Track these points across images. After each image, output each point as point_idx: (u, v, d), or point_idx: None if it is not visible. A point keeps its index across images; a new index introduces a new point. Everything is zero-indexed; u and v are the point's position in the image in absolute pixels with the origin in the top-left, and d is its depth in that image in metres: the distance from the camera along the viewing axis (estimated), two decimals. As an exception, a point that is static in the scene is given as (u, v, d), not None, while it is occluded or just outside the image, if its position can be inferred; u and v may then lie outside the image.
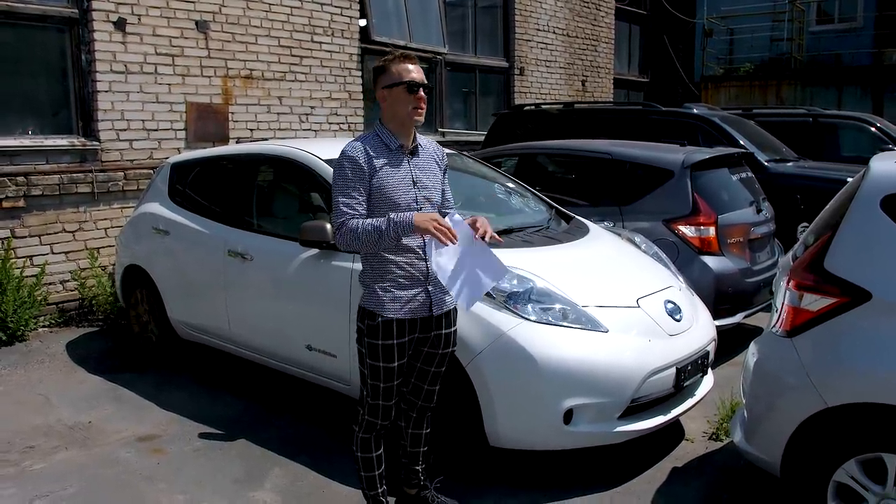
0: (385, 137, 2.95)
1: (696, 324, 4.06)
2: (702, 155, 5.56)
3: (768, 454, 3.13)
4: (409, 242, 2.92)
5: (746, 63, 14.50)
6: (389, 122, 2.96)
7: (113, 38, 6.40)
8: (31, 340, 5.99)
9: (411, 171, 2.97)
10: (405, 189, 2.92)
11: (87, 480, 3.79)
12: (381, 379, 2.99)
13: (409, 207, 2.91)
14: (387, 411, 3.07)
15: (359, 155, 2.86)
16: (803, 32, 14.27)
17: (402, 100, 2.90)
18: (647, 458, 3.95)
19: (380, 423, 3.08)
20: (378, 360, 2.97)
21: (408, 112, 2.90)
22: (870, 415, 2.84)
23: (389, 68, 2.92)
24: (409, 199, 2.93)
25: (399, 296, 2.94)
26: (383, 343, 2.95)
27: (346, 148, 2.90)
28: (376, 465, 3.16)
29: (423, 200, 2.97)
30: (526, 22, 10.84)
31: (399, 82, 2.89)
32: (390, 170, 2.91)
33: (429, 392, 3.23)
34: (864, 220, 2.98)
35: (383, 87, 2.93)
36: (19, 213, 6.02)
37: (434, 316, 3.03)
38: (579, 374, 3.50)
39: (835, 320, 2.93)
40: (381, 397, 3.03)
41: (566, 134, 7.98)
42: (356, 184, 2.85)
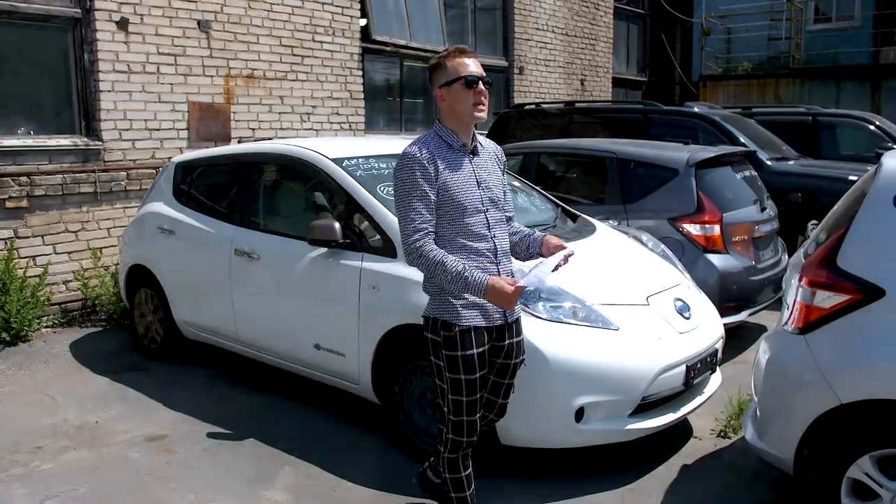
0: (446, 136, 2.82)
1: (705, 321, 4.07)
2: (706, 153, 5.58)
3: (781, 451, 3.14)
4: (480, 246, 2.81)
5: (744, 62, 14.56)
6: (449, 121, 2.83)
7: (115, 37, 6.39)
8: (34, 341, 5.97)
9: (474, 171, 2.85)
10: (470, 190, 2.80)
11: (96, 481, 3.79)
12: (465, 393, 2.82)
13: (475, 209, 2.80)
14: (472, 427, 2.89)
15: (424, 156, 2.73)
16: (801, 31, 14.32)
17: (462, 96, 2.77)
18: (656, 456, 3.96)
19: (465, 440, 2.90)
20: (459, 372, 2.80)
21: (468, 109, 2.78)
22: (884, 411, 2.86)
23: (445, 64, 2.79)
24: (475, 200, 2.80)
25: (473, 302, 2.80)
26: (463, 354, 2.78)
27: (410, 150, 2.75)
28: (466, 486, 2.99)
29: (488, 202, 2.84)
30: (525, 21, 10.85)
31: (456, 78, 2.76)
32: (455, 170, 2.78)
33: (502, 406, 3.08)
34: (877, 217, 2.99)
35: (440, 85, 2.79)
36: (22, 213, 6.00)
37: (508, 323, 2.91)
38: (591, 372, 3.51)
39: (848, 317, 2.94)
40: (465, 412, 2.85)
41: (567, 133, 8.01)
42: (425, 188, 2.72)
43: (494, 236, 2.86)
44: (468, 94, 2.77)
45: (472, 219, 2.80)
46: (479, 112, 2.79)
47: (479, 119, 2.81)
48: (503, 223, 2.93)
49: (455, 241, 2.79)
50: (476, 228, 2.81)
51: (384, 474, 3.79)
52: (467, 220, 2.79)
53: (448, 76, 2.78)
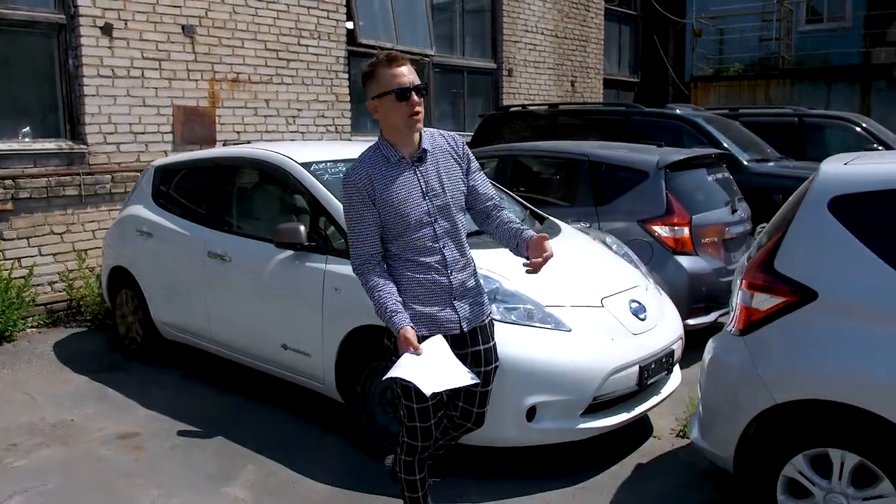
0: (385, 151, 2.74)
1: (662, 323, 4.14)
2: (676, 156, 5.65)
3: (722, 450, 3.22)
4: (428, 260, 2.75)
5: (736, 63, 14.57)
6: (388, 133, 2.74)
7: (100, 43, 6.50)
8: (19, 341, 6.09)
9: (420, 181, 2.74)
10: (414, 204, 2.72)
11: (65, 477, 3.89)
12: (415, 400, 2.78)
13: (421, 223, 2.72)
14: (425, 433, 2.87)
15: (362, 180, 2.68)
16: (791, 32, 14.33)
17: (394, 109, 2.66)
18: (614, 455, 4.04)
19: (419, 444, 2.90)
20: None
21: (403, 121, 2.67)
22: (816, 411, 2.93)
23: (377, 74, 2.68)
24: (421, 212, 2.72)
25: (421, 312, 2.75)
26: None
27: (349, 173, 2.72)
28: (419, 487, 3.01)
29: (437, 211, 2.75)
30: (514, 24, 10.93)
31: (387, 91, 2.65)
32: (395, 187, 2.70)
33: (479, 415, 2.99)
34: (812, 221, 3.06)
35: (372, 97, 2.69)
36: (7, 215, 6.12)
37: (466, 332, 2.83)
38: (542, 372, 3.59)
39: (783, 319, 3.02)
40: (417, 419, 2.84)
41: (552, 135, 8.07)
42: (365, 213, 2.70)
43: (443, 247, 2.77)
44: (401, 106, 2.66)
45: (417, 233, 2.73)
46: (415, 123, 2.69)
47: (415, 130, 2.73)
48: (457, 231, 2.82)
49: (403, 256, 2.76)
50: (422, 242, 2.74)
51: (344, 472, 3.88)
52: (413, 235, 2.73)
53: (380, 88, 2.68)
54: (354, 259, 2.76)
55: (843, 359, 2.84)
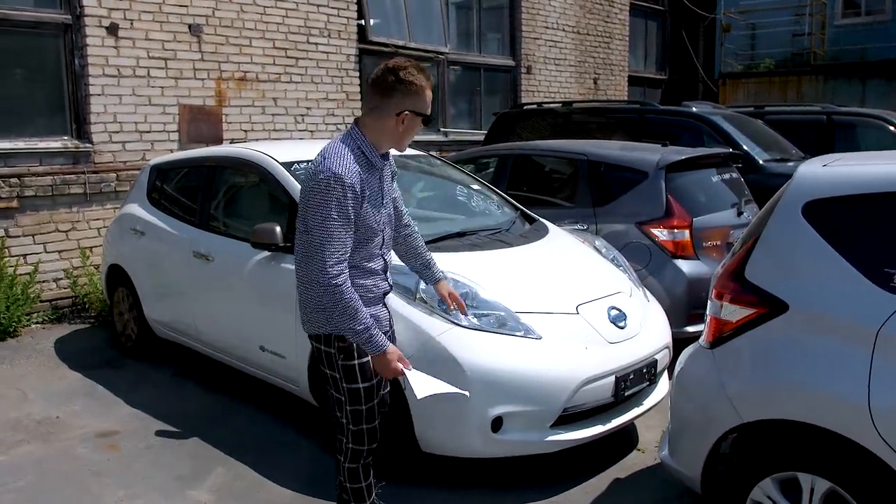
0: (370, 154, 2.64)
1: (644, 331, 3.97)
2: (678, 156, 5.45)
3: (689, 470, 3.06)
4: (375, 266, 2.76)
5: (767, 59, 14.11)
6: (382, 140, 2.66)
7: (105, 42, 6.55)
8: (23, 336, 6.17)
9: (383, 189, 2.75)
10: (379, 210, 2.70)
11: (38, 474, 3.91)
12: (363, 401, 2.79)
13: (379, 229, 2.72)
14: (372, 434, 2.86)
15: (355, 180, 2.54)
16: (825, 27, 13.81)
17: (413, 130, 2.67)
18: (593, 467, 3.90)
19: (366, 448, 2.88)
20: (357, 381, 2.77)
21: (408, 141, 2.72)
22: (785, 432, 2.76)
23: (425, 93, 2.61)
24: (381, 219, 2.72)
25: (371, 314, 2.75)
26: (360, 362, 2.75)
27: (342, 172, 2.50)
28: (367, 495, 2.95)
29: (388, 217, 2.80)
30: (533, 20, 10.74)
31: (423, 114, 2.64)
32: (372, 192, 2.65)
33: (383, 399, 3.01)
34: (784, 226, 2.88)
35: (411, 110, 2.60)
36: (13, 213, 6.21)
37: (391, 330, 2.93)
38: (508, 381, 3.46)
39: (752, 332, 2.85)
40: (364, 421, 2.83)
41: (566, 133, 7.91)
42: (351, 215, 2.55)
43: (384, 254, 2.82)
44: (416, 130, 2.69)
45: (374, 238, 2.72)
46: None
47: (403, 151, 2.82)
48: (391, 238, 2.88)
49: (357, 262, 2.70)
50: (374, 249, 2.75)
51: (312, 478, 3.81)
52: (371, 239, 2.71)
53: (421, 107, 2.62)
54: (332, 266, 2.51)
55: (812, 377, 2.65)
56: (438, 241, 4.21)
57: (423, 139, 9.57)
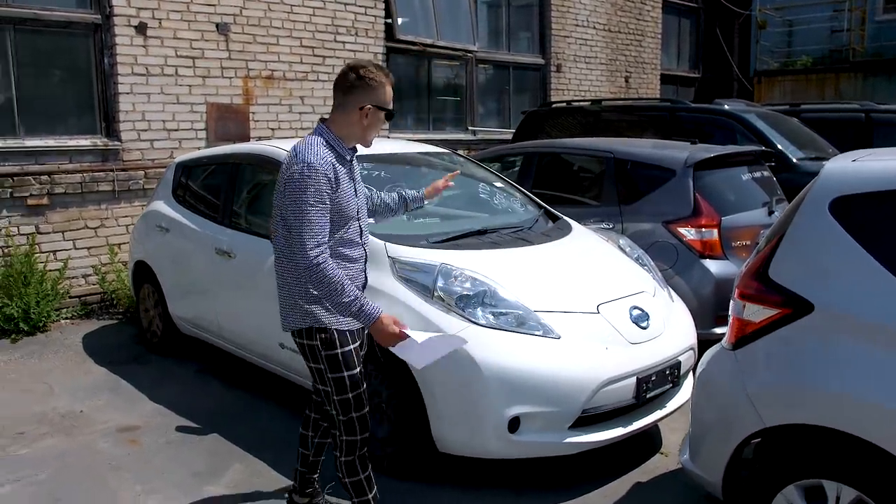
0: (338, 147, 2.80)
1: (667, 332, 3.88)
2: (706, 153, 5.32)
3: (710, 475, 2.97)
4: (354, 254, 2.87)
5: (804, 56, 13.77)
6: (348, 134, 2.81)
7: (134, 41, 6.62)
8: (52, 331, 6.25)
9: (353, 180, 2.89)
10: (351, 199, 2.84)
11: (60, 467, 3.94)
12: (349, 389, 2.84)
13: (353, 218, 2.84)
14: (363, 422, 2.89)
15: (328, 169, 2.69)
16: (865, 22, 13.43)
17: (379, 124, 2.85)
18: (614, 469, 3.82)
19: (360, 437, 2.89)
20: (342, 370, 2.83)
21: (372, 136, 2.87)
22: (809, 437, 2.66)
23: (385, 88, 2.79)
24: (353, 208, 2.85)
25: None
26: (343, 351, 2.83)
27: (315, 161, 2.67)
28: (368, 488, 2.95)
29: (361, 209, 2.93)
30: (563, 18, 10.64)
31: (386, 108, 2.82)
32: (343, 181, 2.80)
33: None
34: (811, 224, 2.78)
35: (374, 105, 2.78)
36: (44, 210, 6.30)
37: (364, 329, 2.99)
38: (526, 381, 3.40)
39: (776, 333, 2.75)
40: (353, 409, 2.86)
41: (595, 131, 7.81)
42: (327, 202, 2.69)
43: (364, 243, 2.94)
44: (381, 124, 2.87)
45: (350, 228, 2.84)
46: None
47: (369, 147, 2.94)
48: (367, 229, 3.01)
49: (336, 250, 2.80)
50: (352, 237, 2.86)
51: (329, 476, 3.77)
52: (346, 229, 2.83)
53: (383, 102, 2.80)
54: (311, 248, 2.64)
55: (839, 380, 2.55)
56: (459, 238, 4.16)
57: (451, 138, 9.53)
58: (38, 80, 6.41)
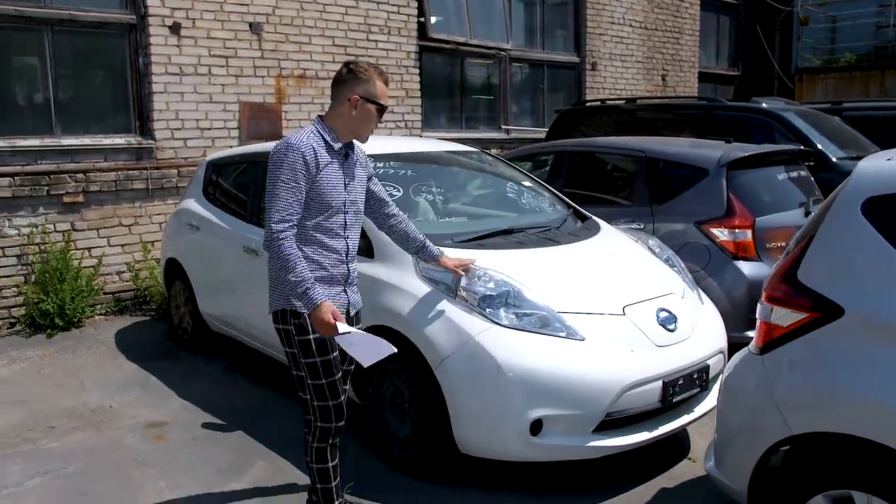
0: (328, 137, 2.93)
1: (696, 335, 3.79)
2: (741, 153, 5.20)
3: (735, 483, 2.88)
4: (334, 245, 2.97)
5: (847, 53, 13.39)
6: (339, 125, 2.95)
7: (168, 41, 6.70)
8: (86, 327, 6.36)
9: (344, 174, 2.99)
10: (338, 191, 2.95)
11: (87, 461, 3.99)
12: (323, 375, 2.96)
13: (338, 210, 2.95)
14: (338, 410, 3.02)
15: (309, 151, 2.84)
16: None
17: (371, 118, 2.96)
18: (640, 474, 3.75)
19: (334, 425, 3.02)
20: (314, 355, 2.95)
21: (366, 130, 2.99)
22: (838, 446, 2.56)
23: (374, 81, 2.92)
24: (340, 201, 2.96)
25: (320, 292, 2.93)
26: (315, 337, 2.93)
27: (296, 142, 2.84)
28: (332, 476, 3.10)
29: (350, 204, 3.01)
30: (599, 16, 10.51)
31: (377, 102, 2.93)
32: (329, 170, 2.91)
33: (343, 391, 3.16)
34: (842, 225, 2.68)
35: (362, 96, 2.91)
36: (79, 207, 6.41)
37: (351, 316, 3.09)
38: (548, 383, 3.34)
39: (804, 338, 2.65)
40: (328, 396, 2.98)
41: (629, 130, 7.70)
42: (301, 183, 2.83)
43: (348, 237, 3.02)
44: (373, 119, 2.97)
45: (333, 218, 2.95)
46: (368, 136, 3.05)
47: (364, 141, 3.06)
48: (358, 226, 3.10)
49: (314, 237, 2.93)
50: (335, 228, 2.96)
51: (350, 477, 3.76)
52: (329, 219, 2.93)
53: (371, 94, 2.92)
54: (277, 223, 2.79)
55: (869, 388, 2.44)
56: (484, 238, 4.12)
57: (484, 137, 9.48)
58: (75, 79, 6.52)
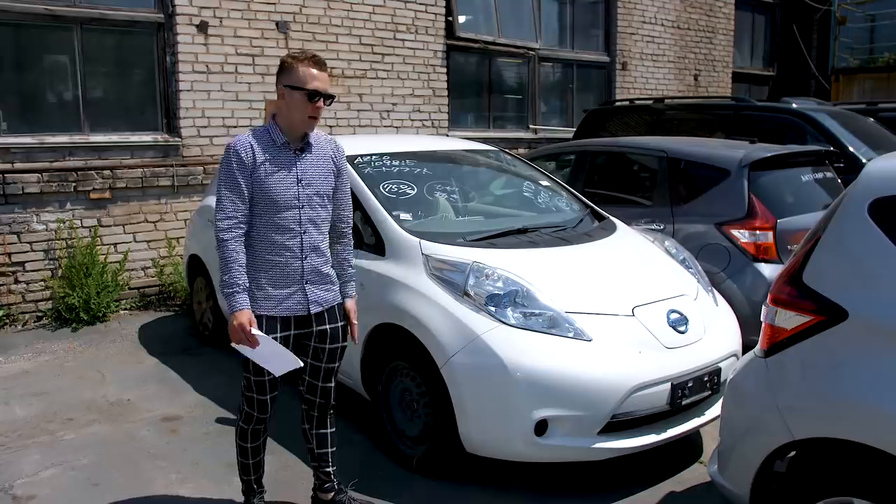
0: (273, 133, 2.96)
1: (708, 337, 3.72)
2: (763, 153, 5.09)
3: (738, 487, 2.82)
4: (288, 242, 2.97)
5: (886, 52, 13.02)
6: (281, 120, 2.97)
7: (195, 40, 6.79)
8: (111, 321, 6.47)
9: (297, 168, 2.96)
10: (287, 186, 2.93)
11: (101, 453, 4.06)
12: (252, 372, 3.06)
13: (290, 205, 2.94)
14: (262, 405, 3.13)
15: (244, 149, 2.89)
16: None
17: (299, 105, 2.90)
18: (650, 476, 3.70)
19: (256, 415, 3.15)
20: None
21: (301, 118, 2.92)
22: (838, 452, 2.49)
23: (295, 68, 2.89)
24: (291, 196, 2.94)
25: (273, 294, 2.99)
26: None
27: (233, 143, 2.92)
28: (251, 455, 3.26)
29: (306, 198, 2.97)
30: (630, 15, 10.39)
31: (301, 87, 2.88)
32: (272, 166, 2.91)
33: (324, 389, 3.24)
34: (848, 226, 2.61)
35: (286, 85, 2.91)
36: (106, 203, 6.52)
37: (312, 314, 3.06)
38: (554, 384, 3.31)
39: (808, 341, 2.59)
40: (254, 390, 3.10)
41: (658, 130, 7.60)
42: (239, 180, 2.87)
43: (304, 232, 2.99)
44: (306, 106, 2.89)
45: (284, 214, 2.94)
46: (311, 123, 2.95)
47: (310, 130, 2.98)
48: (320, 220, 3.04)
49: (266, 235, 2.95)
50: (288, 224, 2.95)
51: (357, 473, 3.77)
52: (279, 215, 2.93)
53: (293, 81, 2.89)
54: (222, 220, 2.87)
55: (872, 394, 2.38)
56: (496, 237, 4.10)
57: (512, 136, 9.45)
58: (103, 77, 6.64)
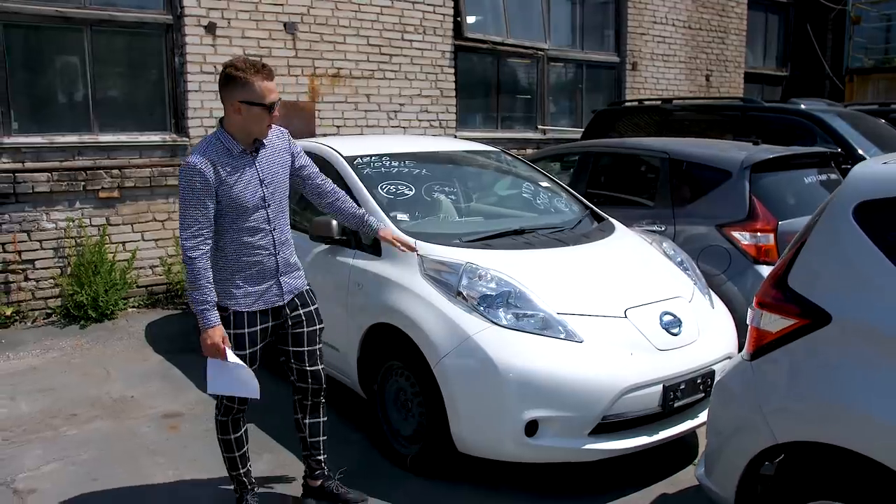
0: (228, 143, 2.98)
1: (702, 339, 3.71)
2: (765, 154, 5.07)
3: (723, 490, 2.82)
4: (259, 241, 3.06)
5: (901, 53, 12.91)
6: (234, 131, 2.98)
7: (203, 41, 6.86)
8: (119, 319, 6.54)
9: (258, 171, 3.04)
10: (252, 190, 3.01)
11: (102, 449, 4.13)
12: None
13: (257, 206, 3.02)
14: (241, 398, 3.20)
15: (206, 166, 2.90)
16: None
17: (259, 119, 2.93)
18: (643, 477, 3.71)
19: (236, 406, 3.22)
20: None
21: (260, 130, 2.98)
22: (820, 456, 2.49)
23: (252, 83, 2.89)
24: (257, 199, 3.02)
25: (252, 291, 3.09)
26: (234, 332, 3.08)
27: (192, 160, 2.92)
28: (236, 447, 3.29)
29: (271, 197, 3.07)
30: (640, 15, 10.35)
31: (260, 103, 2.90)
32: (236, 176, 2.97)
33: (314, 373, 3.32)
34: (832, 229, 2.60)
35: (243, 101, 2.90)
36: (114, 202, 6.61)
37: (285, 303, 3.18)
38: (544, 384, 3.33)
39: (792, 345, 2.59)
40: None
41: (666, 131, 7.58)
42: (203, 198, 2.91)
43: (274, 229, 3.10)
44: (266, 119, 2.95)
45: (253, 216, 3.02)
46: (268, 131, 3.03)
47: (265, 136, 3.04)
48: (284, 211, 3.16)
49: (237, 238, 3.03)
50: (256, 224, 3.04)
51: (354, 470, 3.80)
52: (249, 218, 3.01)
53: (252, 97, 2.90)
54: (188, 239, 2.91)
55: (854, 398, 2.37)
56: (493, 238, 4.12)
57: (520, 137, 9.45)
58: (112, 78, 6.72)
